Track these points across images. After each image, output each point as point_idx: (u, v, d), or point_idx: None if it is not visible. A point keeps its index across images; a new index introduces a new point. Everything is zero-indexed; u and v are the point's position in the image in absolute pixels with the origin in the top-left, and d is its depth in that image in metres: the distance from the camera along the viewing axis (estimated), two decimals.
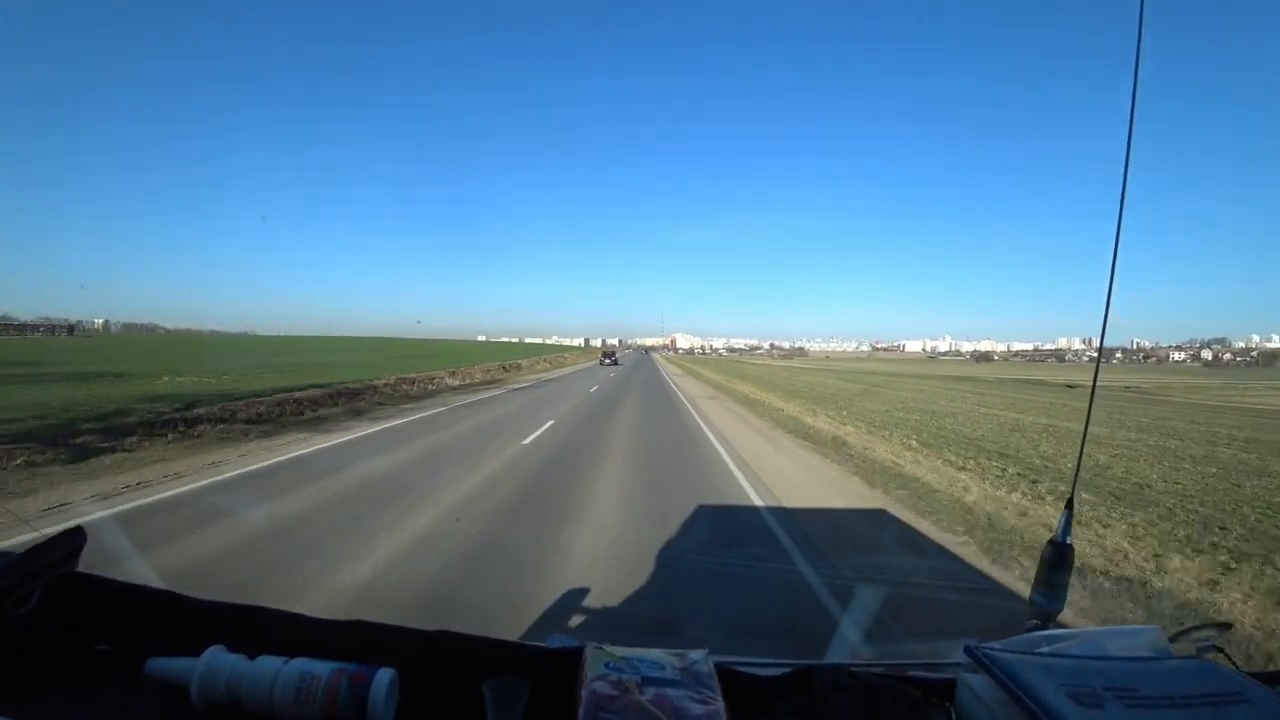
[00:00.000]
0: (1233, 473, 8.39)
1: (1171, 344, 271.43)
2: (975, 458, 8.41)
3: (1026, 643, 0.71)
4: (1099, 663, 0.64)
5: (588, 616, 3.03)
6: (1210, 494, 6.78)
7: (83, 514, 4.50)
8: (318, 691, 0.60)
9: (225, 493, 5.40)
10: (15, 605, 0.64)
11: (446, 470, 6.46)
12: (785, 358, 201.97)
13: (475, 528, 4.38)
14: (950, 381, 43.91)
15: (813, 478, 7.11)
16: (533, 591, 3.22)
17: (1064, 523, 0.94)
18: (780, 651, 2.93)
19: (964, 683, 0.64)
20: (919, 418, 14.31)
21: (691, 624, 3.04)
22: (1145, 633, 0.72)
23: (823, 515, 5.23)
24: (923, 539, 4.77)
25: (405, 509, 4.78)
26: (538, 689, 0.63)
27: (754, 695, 0.65)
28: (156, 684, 0.62)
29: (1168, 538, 4.79)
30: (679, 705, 0.56)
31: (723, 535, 4.68)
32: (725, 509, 5.37)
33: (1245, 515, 5.76)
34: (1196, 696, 0.57)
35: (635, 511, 5.01)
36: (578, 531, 4.40)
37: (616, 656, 0.63)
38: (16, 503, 4.74)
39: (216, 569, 3.47)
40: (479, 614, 2.99)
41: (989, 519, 5.22)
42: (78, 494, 5.10)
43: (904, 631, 2.93)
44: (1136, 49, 0.87)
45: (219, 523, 4.43)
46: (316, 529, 4.25)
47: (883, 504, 5.85)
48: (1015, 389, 36.49)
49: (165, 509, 4.75)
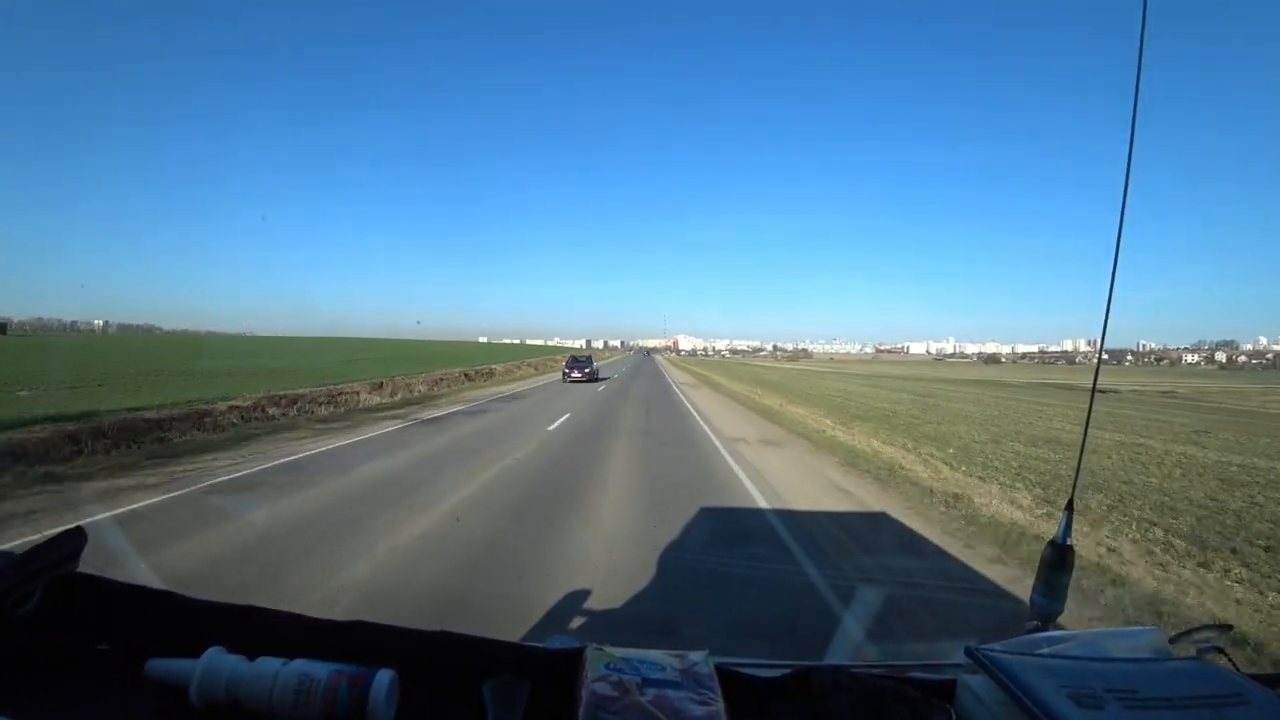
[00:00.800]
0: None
1: (1178, 346, 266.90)
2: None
3: (1027, 644, 0.71)
4: (1099, 664, 0.64)
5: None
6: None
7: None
8: (317, 692, 0.60)
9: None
10: (16, 605, 0.64)
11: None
12: (790, 360, 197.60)
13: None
14: (990, 388, 37.89)
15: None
16: None
17: (1064, 524, 0.94)
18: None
19: (964, 684, 0.64)
20: (1048, 455, 9.63)
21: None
22: (1146, 634, 0.72)
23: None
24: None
25: None
26: (538, 690, 0.63)
27: (754, 696, 0.65)
28: (156, 684, 0.62)
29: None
30: (679, 706, 0.56)
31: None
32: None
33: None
34: (1197, 698, 0.57)
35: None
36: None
37: (617, 657, 0.63)
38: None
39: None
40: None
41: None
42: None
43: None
44: (1139, 48, 0.87)
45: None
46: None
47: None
48: (1061, 396, 30.29)
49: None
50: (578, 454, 8.34)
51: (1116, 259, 0.96)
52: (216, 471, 7.00)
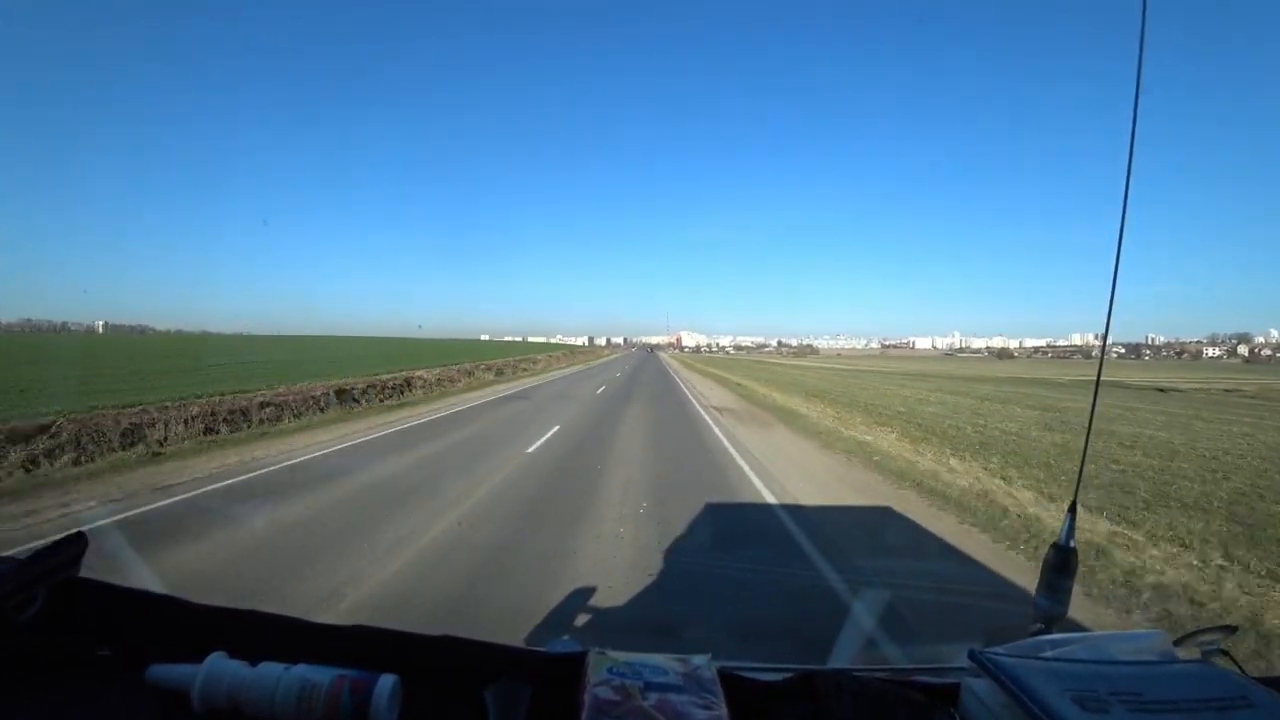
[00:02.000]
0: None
1: (1192, 339, 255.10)
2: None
3: (1030, 647, 0.71)
4: (1103, 667, 0.63)
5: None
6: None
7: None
8: (320, 698, 0.59)
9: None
10: (17, 610, 0.64)
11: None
12: (797, 356, 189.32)
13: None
14: (1050, 388, 30.18)
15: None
16: None
17: (1067, 526, 0.94)
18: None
19: (968, 687, 0.64)
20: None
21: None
22: (1150, 637, 0.72)
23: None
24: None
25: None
26: (540, 694, 0.63)
27: (757, 700, 0.65)
28: (158, 690, 0.62)
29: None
30: (682, 711, 0.56)
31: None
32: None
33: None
34: (1201, 701, 0.57)
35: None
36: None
37: (619, 661, 0.63)
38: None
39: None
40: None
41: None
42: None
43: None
44: (1139, 44, 0.87)
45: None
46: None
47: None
48: (1127, 397, 24.84)
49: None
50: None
51: (1119, 254, 0.95)
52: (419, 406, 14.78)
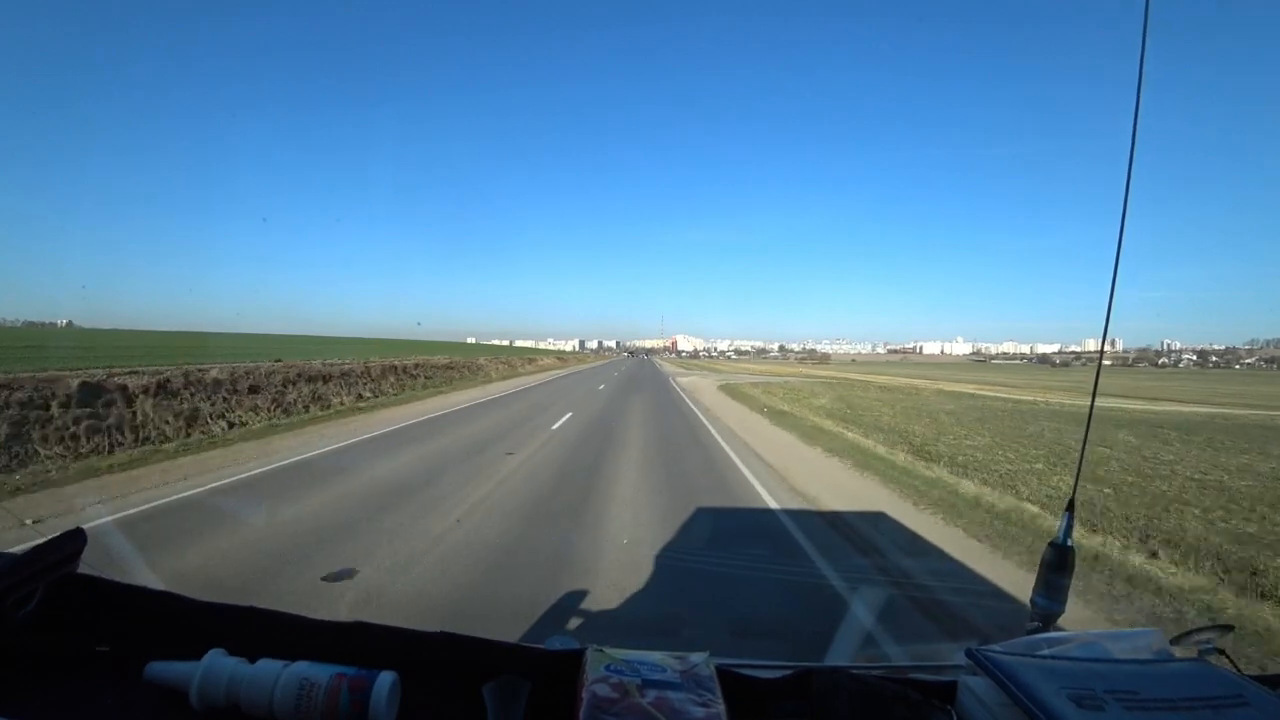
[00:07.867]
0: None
1: (1224, 345, 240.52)
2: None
3: (1027, 645, 0.71)
4: (1100, 665, 0.64)
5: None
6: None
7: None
8: (318, 696, 0.59)
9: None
10: (15, 606, 0.64)
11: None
12: (814, 363, 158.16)
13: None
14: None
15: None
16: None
17: (1065, 525, 0.94)
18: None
19: (965, 685, 0.64)
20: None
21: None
22: (1146, 635, 0.72)
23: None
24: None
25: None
26: (538, 691, 0.63)
27: (755, 697, 0.65)
28: (156, 687, 0.62)
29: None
30: (680, 708, 0.56)
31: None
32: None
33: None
34: (1197, 699, 0.57)
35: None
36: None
37: (617, 659, 0.63)
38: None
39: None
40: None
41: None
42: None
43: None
44: (1141, 46, 0.87)
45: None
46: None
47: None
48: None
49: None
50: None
51: (1118, 259, 0.96)
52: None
